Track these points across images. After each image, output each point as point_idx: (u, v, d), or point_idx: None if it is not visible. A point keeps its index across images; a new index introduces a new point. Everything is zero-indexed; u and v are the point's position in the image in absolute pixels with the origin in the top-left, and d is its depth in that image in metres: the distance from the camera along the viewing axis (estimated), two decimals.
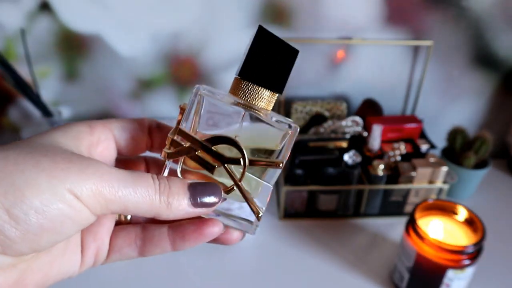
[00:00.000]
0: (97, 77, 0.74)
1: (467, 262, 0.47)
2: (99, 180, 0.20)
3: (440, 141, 0.74)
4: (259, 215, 0.25)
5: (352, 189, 0.65)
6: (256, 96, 0.24)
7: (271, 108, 0.25)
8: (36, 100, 0.68)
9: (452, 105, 0.81)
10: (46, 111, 0.70)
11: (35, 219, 0.18)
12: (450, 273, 0.47)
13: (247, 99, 0.24)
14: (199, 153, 0.24)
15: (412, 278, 0.51)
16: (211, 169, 0.24)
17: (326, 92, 0.78)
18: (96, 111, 0.78)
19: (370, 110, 0.74)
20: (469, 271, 0.48)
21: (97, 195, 0.20)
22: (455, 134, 0.71)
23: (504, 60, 0.75)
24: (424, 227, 0.50)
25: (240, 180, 0.24)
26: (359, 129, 0.71)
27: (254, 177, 0.25)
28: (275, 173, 0.25)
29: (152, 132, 0.26)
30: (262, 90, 0.24)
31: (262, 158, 0.25)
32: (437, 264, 0.47)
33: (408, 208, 0.68)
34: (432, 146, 0.69)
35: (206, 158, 0.24)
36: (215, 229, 0.24)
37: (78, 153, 0.22)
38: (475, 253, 0.47)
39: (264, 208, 0.25)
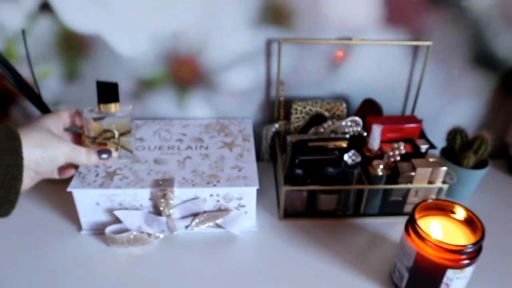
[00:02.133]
0: (97, 77, 0.73)
1: (466, 262, 0.47)
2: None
3: (440, 141, 0.74)
4: (132, 152, 0.54)
5: (352, 189, 0.65)
6: (107, 107, 0.51)
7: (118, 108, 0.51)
8: (37, 100, 0.68)
9: (452, 105, 0.81)
10: (47, 111, 0.70)
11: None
12: (450, 273, 0.47)
13: (104, 110, 0.51)
14: (104, 135, 0.51)
15: (412, 278, 0.51)
16: (109, 140, 0.52)
17: (326, 92, 0.78)
18: None
19: (370, 110, 0.74)
20: (469, 270, 0.48)
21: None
22: (454, 134, 0.71)
23: (503, 60, 0.75)
24: (423, 227, 0.50)
25: (119, 142, 0.52)
26: (359, 129, 0.71)
27: (127, 140, 0.53)
28: (132, 139, 0.53)
29: (75, 116, 0.52)
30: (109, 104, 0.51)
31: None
32: (437, 263, 0.47)
33: (407, 208, 0.68)
34: (432, 146, 0.69)
35: (107, 136, 0.52)
36: (72, 171, 0.53)
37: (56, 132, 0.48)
38: (475, 253, 0.47)
39: (133, 151, 0.53)
